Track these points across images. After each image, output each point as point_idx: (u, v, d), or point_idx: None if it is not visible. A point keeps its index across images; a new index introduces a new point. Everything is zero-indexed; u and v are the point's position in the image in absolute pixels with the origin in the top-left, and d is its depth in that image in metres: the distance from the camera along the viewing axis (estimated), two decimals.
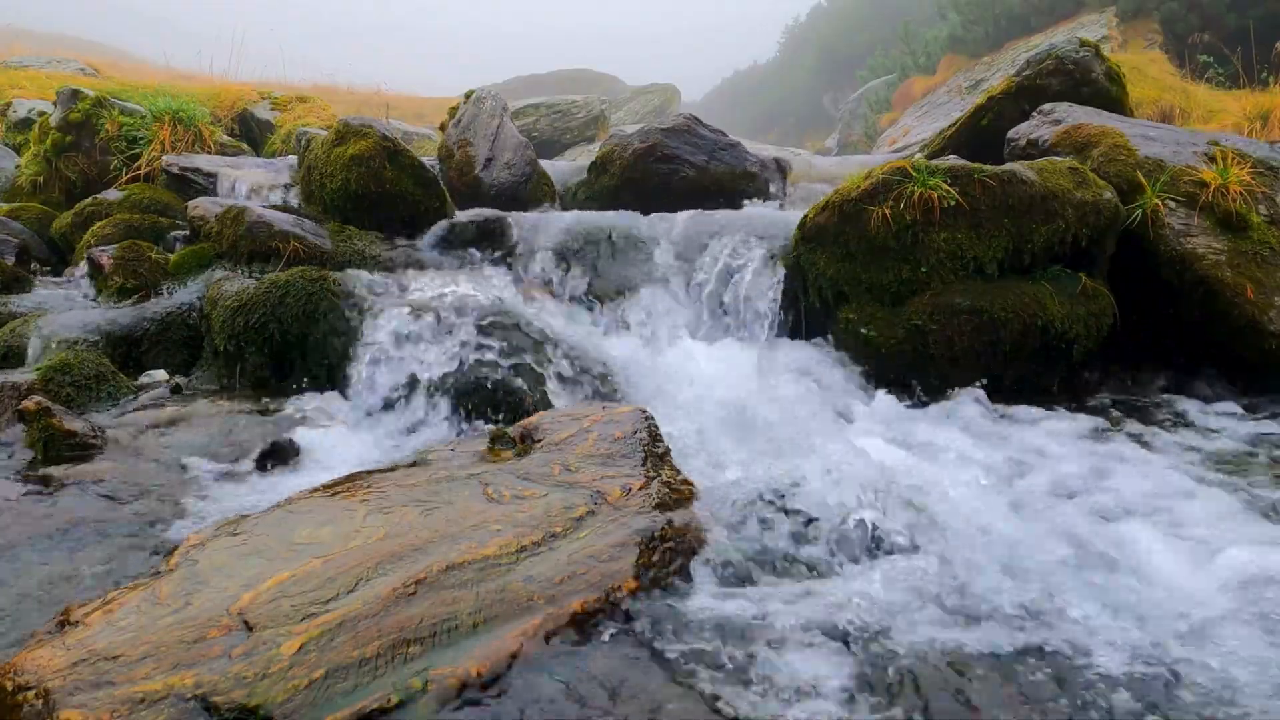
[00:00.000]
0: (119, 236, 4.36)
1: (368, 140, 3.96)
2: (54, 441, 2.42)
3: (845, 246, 3.34)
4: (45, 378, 2.85)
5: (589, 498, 1.80)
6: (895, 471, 1.99)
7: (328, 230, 3.83)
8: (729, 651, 1.40)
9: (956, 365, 3.17)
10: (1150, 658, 1.40)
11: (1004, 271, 3.25)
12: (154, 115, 6.12)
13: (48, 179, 5.98)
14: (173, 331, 3.44)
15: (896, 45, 17.37)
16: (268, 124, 7.88)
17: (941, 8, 16.54)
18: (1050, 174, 3.32)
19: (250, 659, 1.26)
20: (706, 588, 1.60)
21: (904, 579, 1.64)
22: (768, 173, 5.14)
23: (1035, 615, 1.52)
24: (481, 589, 1.45)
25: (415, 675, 1.23)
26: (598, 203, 4.97)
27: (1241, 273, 3.25)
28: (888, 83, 16.77)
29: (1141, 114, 6.03)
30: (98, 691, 1.20)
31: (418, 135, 8.44)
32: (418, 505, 1.80)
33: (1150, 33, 11.91)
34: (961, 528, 1.83)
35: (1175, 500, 2.17)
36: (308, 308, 3.16)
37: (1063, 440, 2.69)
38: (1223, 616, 1.53)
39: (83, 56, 12.52)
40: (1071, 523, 1.95)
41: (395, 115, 10.07)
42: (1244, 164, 3.56)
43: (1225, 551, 1.76)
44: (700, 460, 2.30)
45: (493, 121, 5.10)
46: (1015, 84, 4.71)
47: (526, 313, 3.10)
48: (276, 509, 1.85)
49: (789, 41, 31.30)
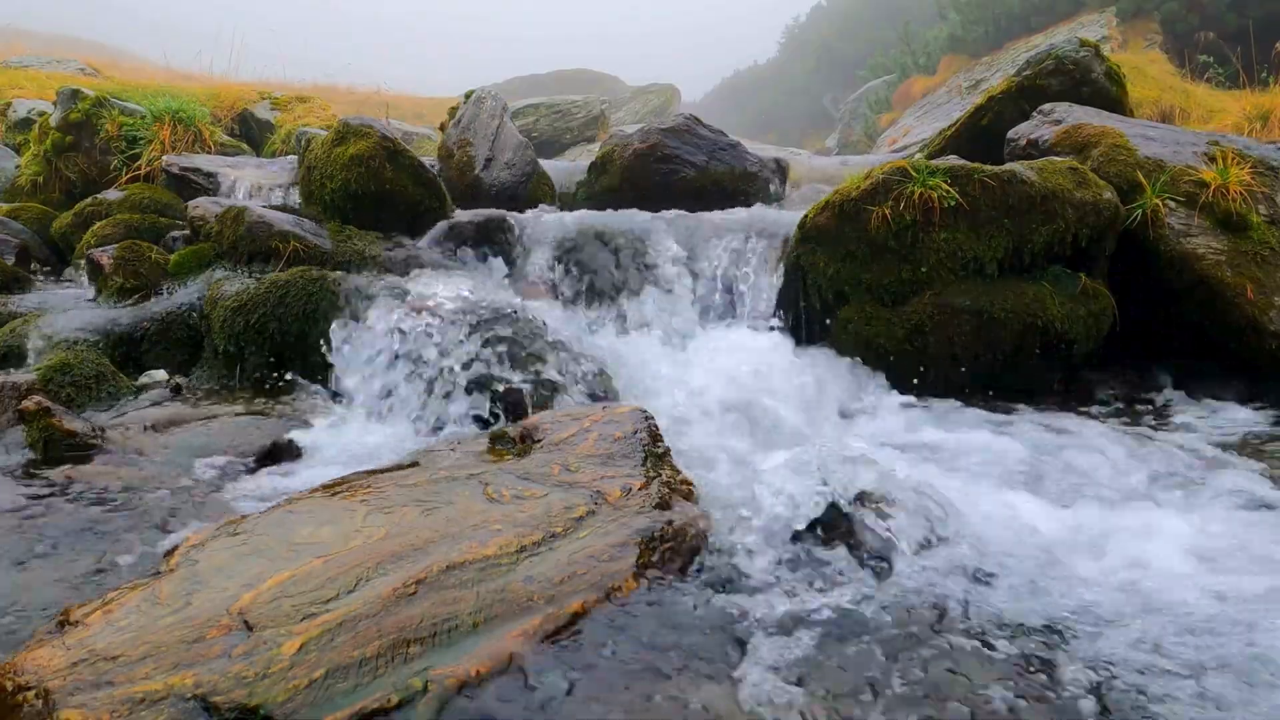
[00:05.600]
0: (119, 236, 4.36)
1: (368, 140, 3.96)
2: (54, 441, 2.42)
3: (845, 246, 3.34)
4: (45, 378, 2.84)
5: (589, 498, 1.80)
6: (895, 470, 1.99)
7: (328, 230, 3.83)
8: (729, 651, 1.40)
9: (956, 365, 3.17)
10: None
11: (1004, 271, 3.25)
12: (154, 115, 6.13)
13: (48, 179, 5.98)
14: (173, 331, 3.43)
15: (896, 45, 17.37)
16: (268, 124, 7.89)
17: (941, 8, 16.54)
18: (1050, 174, 3.32)
19: (250, 659, 1.26)
20: (707, 587, 1.60)
21: (903, 577, 1.64)
22: (768, 173, 5.13)
23: (1035, 593, 1.54)
24: (482, 589, 1.45)
25: (415, 675, 1.23)
26: (597, 203, 4.97)
27: (1241, 273, 3.25)
28: (888, 83, 16.77)
29: (1141, 114, 6.03)
30: (98, 691, 1.20)
31: (418, 135, 8.44)
32: (418, 505, 1.80)
33: (1150, 33, 11.92)
34: (965, 524, 1.83)
35: (1174, 500, 2.17)
36: (308, 308, 3.16)
37: (1062, 439, 2.69)
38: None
39: (83, 56, 12.52)
40: (1062, 516, 1.97)
41: (395, 115, 10.07)
42: (1244, 164, 3.56)
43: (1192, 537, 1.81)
44: (700, 460, 2.30)
45: (493, 121, 5.10)
46: (1015, 84, 4.71)
47: (527, 313, 3.10)
48: (276, 509, 1.85)
49: (789, 42, 31.28)
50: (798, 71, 27.75)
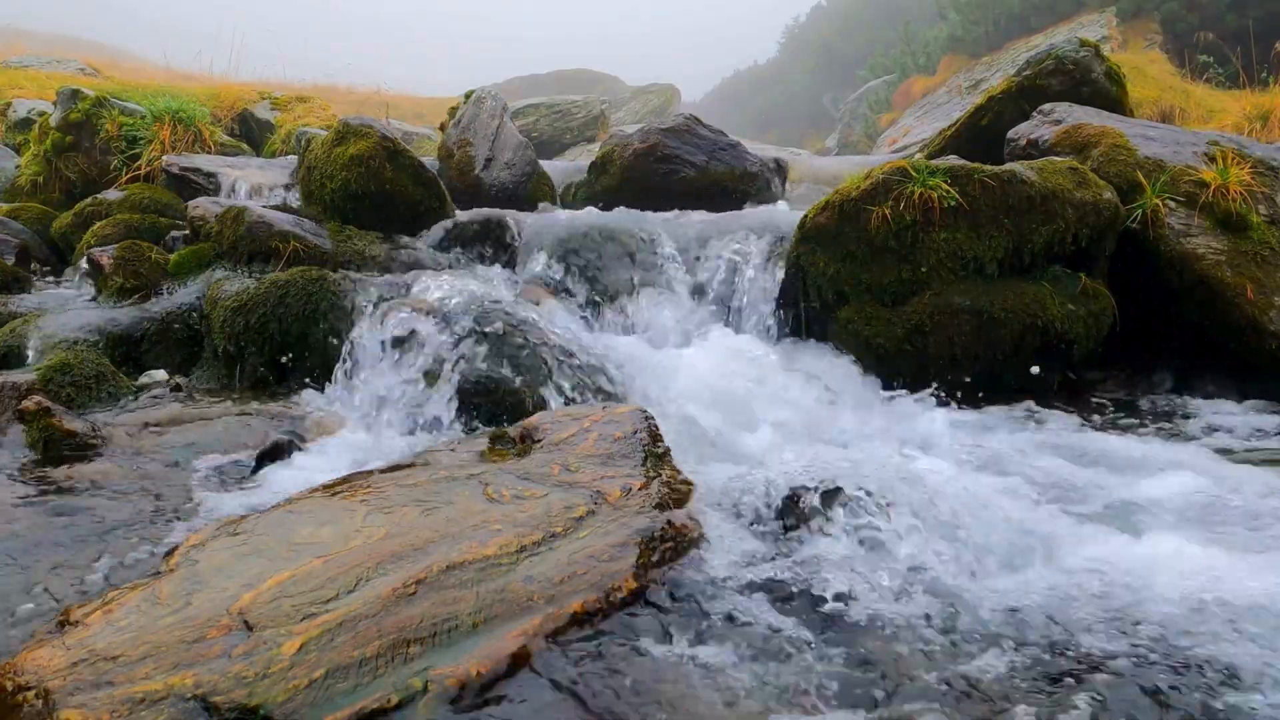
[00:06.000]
0: (119, 236, 4.36)
1: (368, 140, 3.96)
2: (54, 441, 2.42)
3: (845, 246, 3.34)
4: (45, 378, 2.84)
5: (589, 498, 1.80)
6: (895, 469, 1.99)
7: (328, 230, 3.83)
8: (729, 650, 1.40)
9: (956, 365, 3.17)
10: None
11: (1004, 271, 3.25)
12: (154, 115, 6.13)
13: (48, 179, 5.98)
14: (173, 331, 3.43)
15: (896, 45, 17.39)
16: (268, 124, 7.89)
17: (941, 8, 16.55)
18: (1050, 174, 3.32)
19: (250, 659, 1.26)
20: (707, 587, 1.60)
21: (904, 576, 1.64)
22: (767, 173, 5.13)
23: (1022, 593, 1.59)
24: (482, 589, 1.45)
25: (415, 675, 1.23)
26: (598, 203, 4.97)
27: (1241, 273, 3.25)
28: (888, 83, 16.78)
29: (1141, 114, 6.03)
30: (98, 691, 1.20)
31: (418, 135, 8.44)
32: (418, 505, 1.80)
33: (1150, 33, 11.93)
34: (962, 524, 1.83)
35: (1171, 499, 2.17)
36: (308, 308, 3.16)
37: (1061, 439, 2.69)
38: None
39: (83, 56, 12.52)
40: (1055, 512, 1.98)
41: (395, 115, 10.07)
42: (1244, 164, 3.56)
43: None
44: (700, 459, 2.30)
45: (493, 121, 5.10)
46: (1015, 84, 4.71)
47: (526, 313, 3.09)
48: (276, 509, 1.85)
49: (789, 41, 31.29)
50: (798, 71, 27.76)
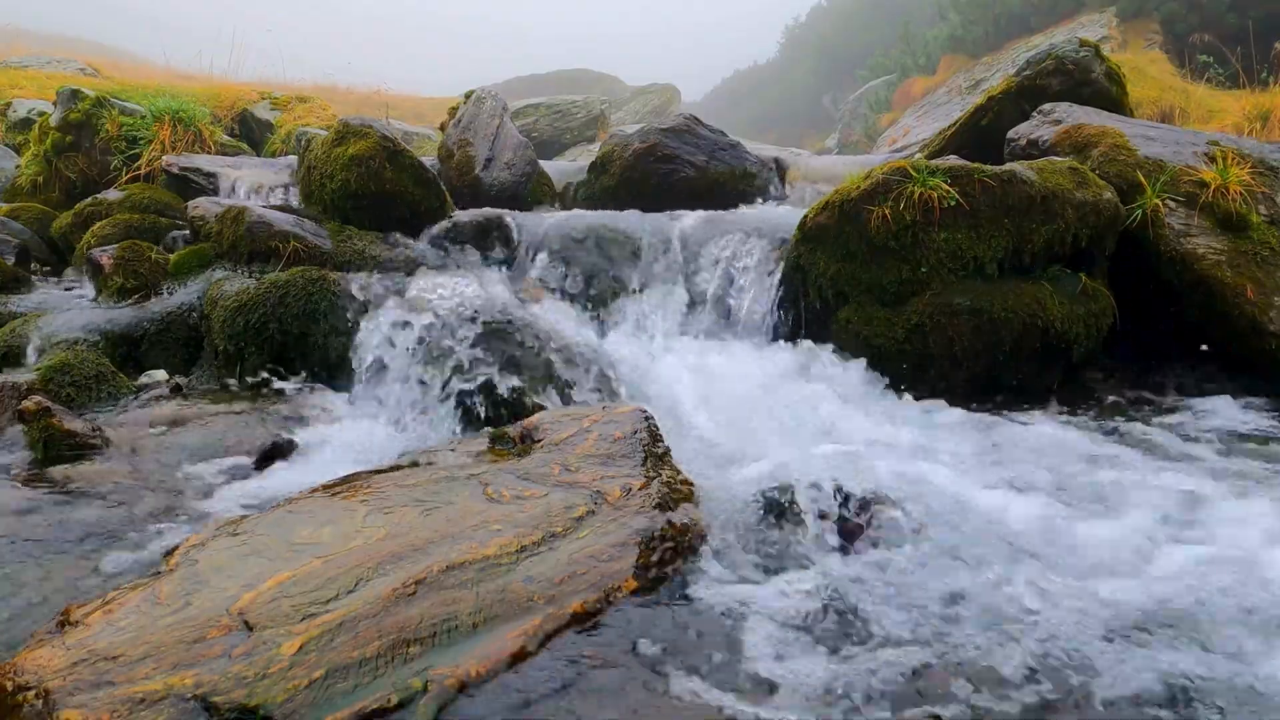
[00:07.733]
0: (119, 236, 4.35)
1: (368, 140, 3.96)
2: (54, 441, 2.41)
3: (845, 246, 3.34)
4: (45, 378, 2.84)
5: (589, 498, 1.80)
6: (895, 469, 1.99)
7: (328, 230, 3.83)
8: (729, 650, 1.40)
9: (956, 365, 3.17)
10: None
11: (1004, 271, 3.25)
12: (154, 115, 6.12)
13: (48, 179, 5.98)
14: (173, 331, 3.43)
15: (896, 45, 17.38)
16: (268, 124, 7.89)
17: (941, 8, 16.55)
18: (1050, 174, 3.32)
19: (250, 659, 1.26)
20: (706, 587, 1.60)
21: (903, 574, 1.64)
22: (767, 173, 5.13)
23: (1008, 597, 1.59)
24: (481, 589, 1.45)
25: (415, 675, 1.23)
26: (598, 203, 4.97)
27: (1241, 273, 3.25)
28: (888, 83, 16.78)
29: (1141, 114, 6.03)
30: (98, 691, 1.20)
31: (418, 135, 8.44)
32: (418, 505, 1.80)
33: (1150, 33, 11.93)
34: (961, 524, 1.83)
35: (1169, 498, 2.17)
36: (308, 308, 3.16)
37: (1060, 438, 2.69)
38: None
39: (83, 56, 12.52)
40: (1054, 514, 1.97)
41: (395, 115, 10.07)
42: (1244, 164, 3.56)
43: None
44: (700, 459, 2.30)
45: (493, 121, 5.10)
46: (1015, 84, 4.70)
47: (526, 313, 3.09)
48: (276, 509, 1.85)
49: (789, 41, 31.27)
50: (798, 71, 27.74)
